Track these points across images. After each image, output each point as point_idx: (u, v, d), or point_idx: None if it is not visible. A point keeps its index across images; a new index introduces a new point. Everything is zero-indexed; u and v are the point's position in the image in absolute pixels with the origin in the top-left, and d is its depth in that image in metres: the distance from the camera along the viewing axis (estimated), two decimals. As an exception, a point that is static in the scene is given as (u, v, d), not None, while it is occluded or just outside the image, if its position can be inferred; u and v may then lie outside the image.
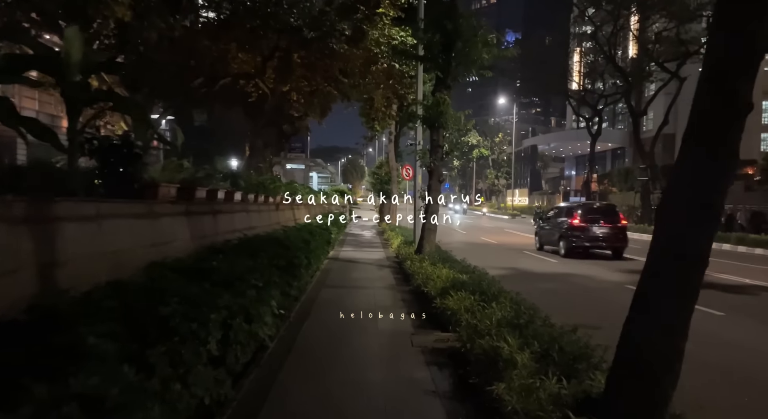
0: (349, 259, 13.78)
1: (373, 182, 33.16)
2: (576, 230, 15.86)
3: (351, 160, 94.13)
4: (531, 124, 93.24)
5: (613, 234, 15.80)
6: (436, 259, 10.01)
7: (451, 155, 11.17)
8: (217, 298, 3.45)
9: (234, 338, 3.78)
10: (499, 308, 5.58)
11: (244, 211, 8.14)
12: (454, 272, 8.13)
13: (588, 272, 13.01)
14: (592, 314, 8.29)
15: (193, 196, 5.80)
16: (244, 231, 7.63)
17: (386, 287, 9.45)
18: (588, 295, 10.11)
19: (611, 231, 15.79)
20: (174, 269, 3.86)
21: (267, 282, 4.66)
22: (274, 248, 6.48)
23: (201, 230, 5.96)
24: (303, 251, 7.78)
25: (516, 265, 14.02)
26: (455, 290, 6.57)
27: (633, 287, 9.63)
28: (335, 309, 7.23)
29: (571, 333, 4.44)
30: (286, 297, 6.05)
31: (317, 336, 5.81)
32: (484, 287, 6.72)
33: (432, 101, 10.84)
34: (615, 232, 15.85)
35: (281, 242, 7.20)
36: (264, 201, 9.80)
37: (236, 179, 7.57)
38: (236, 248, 5.68)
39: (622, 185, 42.35)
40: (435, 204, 11.47)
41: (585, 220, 15.97)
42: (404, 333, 6.03)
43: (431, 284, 7.51)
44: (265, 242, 6.72)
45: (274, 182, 10.67)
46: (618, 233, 15.92)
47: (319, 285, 9.35)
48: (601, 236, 15.77)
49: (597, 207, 18.03)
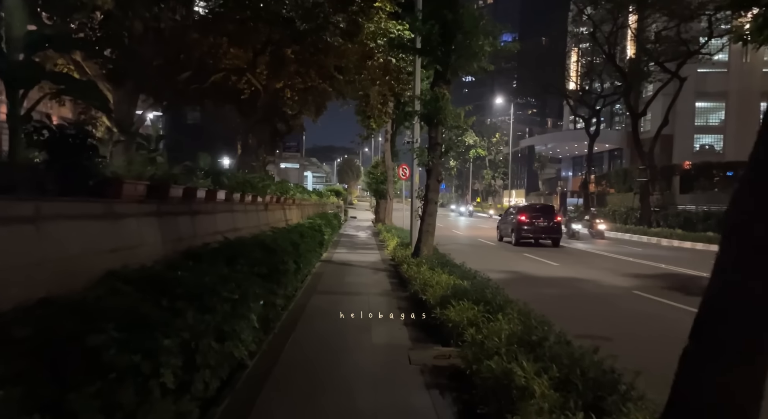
0: (342, 262, 13.19)
1: (368, 182, 32.51)
2: (523, 225, 20.30)
3: (347, 160, 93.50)
4: (527, 125, 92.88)
5: (551, 227, 20.35)
6: (434, 263, 9.44)
7: (450, 153, 10.58)
8: (176, 317, 2.86)
9: (202, 361, 3.20)
10: (506, 320, 5.01)
11: (228, 211, 7.54)
12: (454, 278, 7.56)
13: (592, 276, 12.47)
14: (601, 323, 7.74)
15: (166, 194, 5.20)
16: (227, 233, 7.03)
17: (381, 293, 8.86)
18: (595, 302, 9.56)
19: (549, 225, 20.35)
20: (131, 280, 3.26)
21: (245, 294, 4.07)
22: (258, 253, 5.88)
23: (176, 233, 5.36)
24: (291, 255, 7.19)
25: (516, 268, 13.47)
26: (456, 299, 6.00)
27: (642, 293, 9.04)
28: (326, 319, 6.64)
29: (592, 353, 3.87)
30: (271, 308, 5.46)
31: (304, 351, 5.22)
32: (488, 296, 6.16)
33: (430, 96, 10.27)
34: (552, 226, 20.40)
35: (267, 246, 6.61)
36: (252, 201, 9.19)
37: (219, 176, 6.97)
38: (214, 253, 5.08)
39: (620, 186, 41.88)
40: (433, 204, 10.89)
41: (529, 217, 20.50)
42: (401, 347, 5.44)
43: (430, 291, 6.93)
44: (248, 246, 6.12)
45: (263, 180, 10.06)
46: (554, 226, 20.47)
47: (309, 291, 8.76)
48: (541, 229, 20.30)
49: (539, 207, 22.79)
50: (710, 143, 52.94)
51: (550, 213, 20.99)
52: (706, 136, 53.56)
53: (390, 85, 17.84)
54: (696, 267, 14.75)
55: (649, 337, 7.00)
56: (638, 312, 8.72)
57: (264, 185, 9.81)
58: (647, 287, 10.90)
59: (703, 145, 52.56)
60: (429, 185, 10.87)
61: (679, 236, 25.12)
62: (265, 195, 10.25)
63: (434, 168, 10.73)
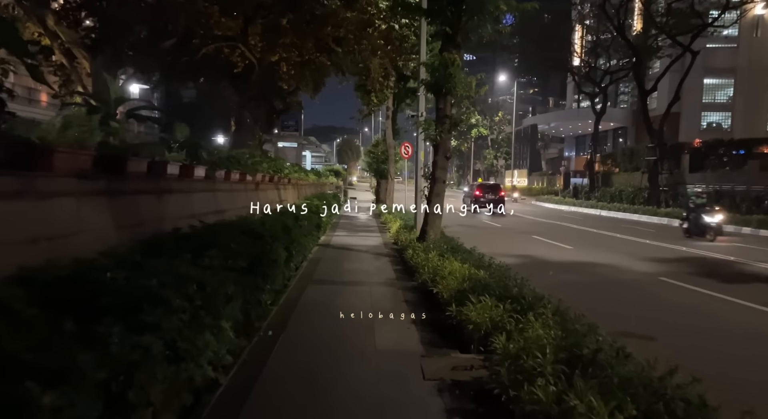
0: (342, 245, 12.24)
1: (369, 162, 31.32)
2: (476, 197, 28.68)
3: (346, 140, 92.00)
4: (529, 104, 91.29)
5: (496, 199, 28.07)
6: (443, 248, 8.49)
7: (460, 126, 9.55)
8: (88, 348, 1.89)
9: (138, 400, 2.25)
10: (540, 323, 4.08)
11: (209, 191, 6.54)
12: (468, 267, 6.61)
13: (611, 260, 11.54)
14: (634, 316, 6.82)
15: (122, 169, 4.20)
16: (207, 216, 6.05)
17: (385, 282, 7.91)
18: (621, 290, 8.63)
19: (495, 198, 28.16)
20: (39, 284, 2.30)
21: (211, 297, 3.11)
22: (241, 240, 4.91)
23: (135, 217, 4.37)
24: (283, 241, 6.23)
25: (527, 252, 12.54)
26: (475, 294, 5.05)
27: (669, 279, 8.00)
28: (321, 317, 5.69)
29: (669, 375, 2.91)
30: (254, 307, 4.52)
31: (294, 362, 4.28)
32: (513, 289, 5.22)
33: (439, 63, 9.19)
34: (497, 198, 28.19)
35: (253, 231, 5.63)
36: (240, 180, 8.18)
37: (196, 149, 5.94)
38: (182, 242, 4.11)
39: (626, 165, 40.74)
40: (441, 184, 9.89)
41: (481, 192, 29.11)
42: (411, 354, 4.51)
43: (442, 283, 5.98)
44: (229, 232, 5.14)
45: (253, 156, 9.01)
46: (499, 199, 28.22)
47: (304, 280, 7.81)
48: (489, 200, 28.03)
49: (488, 185, 32.04)
50: (717, 121, 51.73)
51: (496, 189, 29.63)
52: (713, 113, 52.31)
53: (391, 56, 16.66)
54: (719, 250, 13.83)
55: (696, 335, 6.08)
56: (672, 303, 7.80)
57: (254, 162, 8.77)
58: (674, 273, 9.97)
59: (710, 123, 51.35)
60: (436, 161, 9.85)
61: (691, 216, 24.13)
62: (255, 173, 9.24)
63: (442, 143, 9.70)
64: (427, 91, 10.03)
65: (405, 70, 17.84)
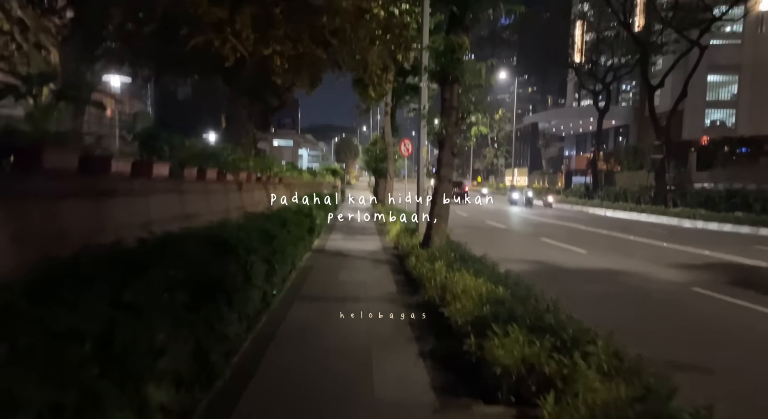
0: (337, 251, 11.18)
1: (367, 160, 30.16)
2: None
3: (344, 139, 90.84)
4: (528, 103, 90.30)
5: (460, 193, 35.55)
6: (451, 257, 7.44)
7: (469, 119, 8.52)
8: None
9: None
10: (593, 370, 3.04)
11: (174, 192, 5.45)
12: (484, 282, 5.56)
13: (632, 267, 10.49)
14: (678, 340, 5.78)
15: (34, 164, 3.12)
16: (170, 223, 4.99)
17: (385, 298, 6.83)
18: (654, 305, 7.58)
19: (460, 192, 35.53)
20: None
21: (124, 358, 2.04)
22: (203, 256, 3.85)
23: (52, 228, 3.31)
24: (262, 252, 5.16)
25: (539, 257, 11.50)
26: (500, 323, 4.00)
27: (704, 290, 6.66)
28: (304, 351, 4.62)
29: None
30: (216, 344, 3.45)
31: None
32: (546, 315, 4.16)
33: (445, 47, 8.13)
34: (461, 191, 36.09)
35: (224, 242, 4.57)
36: (217, 179, 7.10)
37: (154, 141, 4.84)
38: (115, 263, 3.06)
39: (630, 164, 39.68)
40: (447, 183, 8.85)
41: None
42: (421, 407, 3.45)
43: (455, 305, 4.91)
44: (191, 244, 4.09)
45: (233, 152, 7.90)
46: (462, 192, 36.64)
47: (291, 296, 6.74)
48: (455, 194, 30.56)
49: (455, 182, 32.26)
50: (721, 118, 50.83)
51: (461, 185, 37.11)
52: (717, 111, 51.41)
53: (390, 48, 15.57)
54: (744, 254, 12.77)
55: (760, 368, 5.02)
56: (718, 321, 6.74)
57: (236, 159, 7.68)
58: (707, 283, 8.92)
59: (713, 120, 50.46)
60: (441, 158, 8.81)
61: (703, 216, 23.15)
62: (238, 172, 8.16)
63: (448, 138, 8.65)
64: (431, 80, 8.97)
65: (405, 62, 16.73)
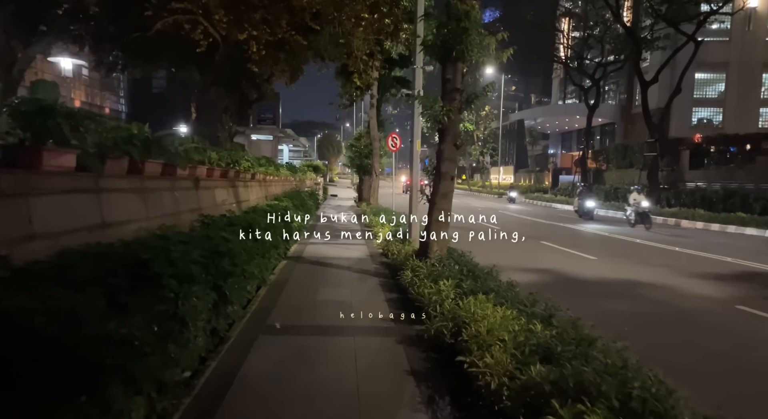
0: (317, 259, 9.66)
1: (351, 157, 28.58)
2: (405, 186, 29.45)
3: (327, 135, 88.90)
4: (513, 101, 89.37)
5: None
6: (456, 271, 6.04)
7: (474, 103, 7.06)
8: None
9: None
10: None
11: (82, 192, 3.87)
12: (511, 313, 4.14)
13: (653, 278, 9.18)
14: (743, 382, 4.44)
15: None
16: (71, 236, 3.47)
17: (377, 330, 5.33)
18: (698, 329, 6.24)
19: None
20: None
21: None
22: (99, 288, 2.35)
23: None
24: (206, 279, 3.66)
25: (546, 265, 10.15)
26: (565, 396, 2.58)
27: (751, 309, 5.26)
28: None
29: None
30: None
31: None
32: (631, 383, 2.75)
33: (449, 13, 6.68)
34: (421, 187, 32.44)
35: (144, 269, 3.07)
36: (162, 174, 5.55)
37: (45, 117, 3.29)
38: None
39: (619, 162, 38.83)
40: (448, 181, 7.39)
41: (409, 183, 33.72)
42: None
43: (484, 359, 3.45)
44: (79, 276, 2.58)
45: (184, 142, 6.33)
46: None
47: (254, 326, 5.22)
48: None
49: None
50: (708, 116, 50.42)
51: None
52: (704, 109, 50.95)
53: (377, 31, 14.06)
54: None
55: None
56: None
57: (188, 149, 6.14)
58: (751, 299, 7.62)
59: (701, 118, 49.98)
60: (442, 151, 7.35)
61: (703, 217, 22.12)
62: (193, 165, 6.62)
63: (450, 126, 7.20)
64: (430, 57, 7.49)
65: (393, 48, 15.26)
